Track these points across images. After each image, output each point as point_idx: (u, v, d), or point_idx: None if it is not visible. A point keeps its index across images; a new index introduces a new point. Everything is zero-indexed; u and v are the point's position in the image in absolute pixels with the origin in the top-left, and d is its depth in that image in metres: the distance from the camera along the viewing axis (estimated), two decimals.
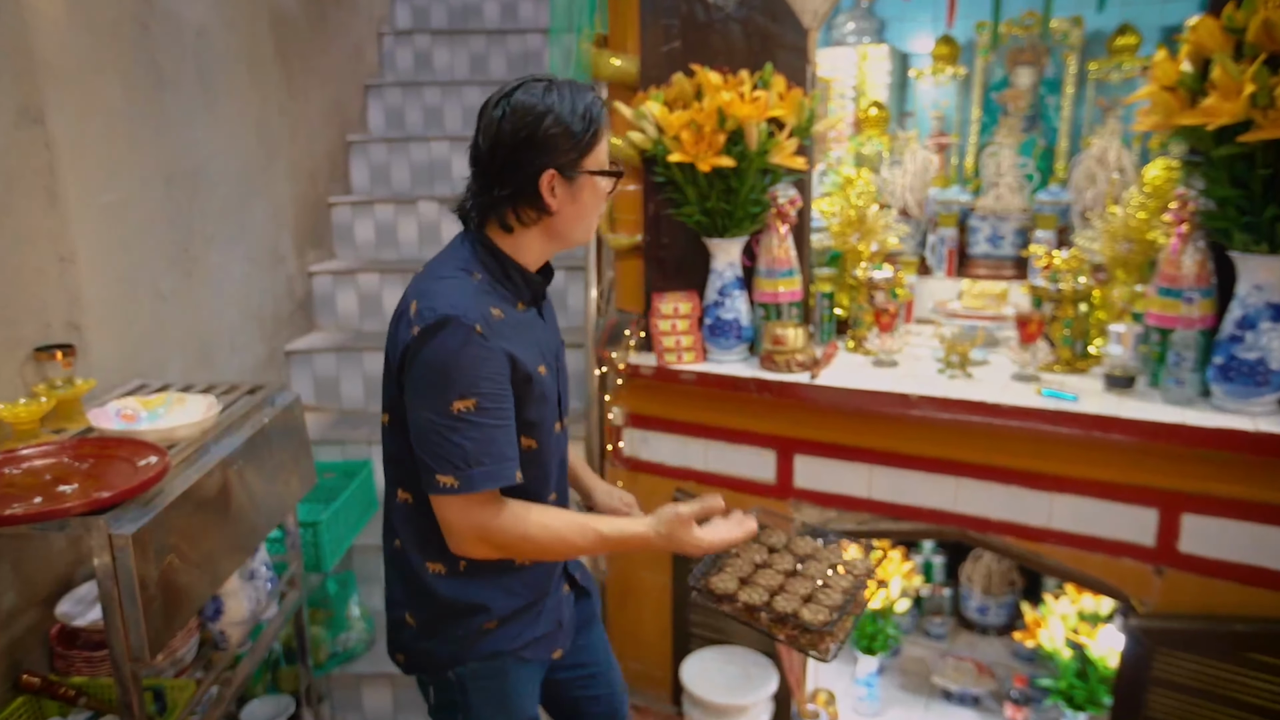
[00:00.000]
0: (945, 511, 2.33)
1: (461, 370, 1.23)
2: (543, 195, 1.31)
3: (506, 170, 1.29)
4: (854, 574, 1.62)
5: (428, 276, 1.35)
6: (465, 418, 1.23)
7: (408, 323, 1.27)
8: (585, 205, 1.37)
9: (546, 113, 1.28)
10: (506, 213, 1.32)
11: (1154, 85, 1.91)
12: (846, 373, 2.36)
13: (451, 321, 1.23)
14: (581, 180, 1.34)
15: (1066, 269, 2.29)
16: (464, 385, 1.23)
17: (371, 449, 2.93)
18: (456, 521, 1.28)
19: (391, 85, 3.98)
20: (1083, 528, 2.15)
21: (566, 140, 1.29)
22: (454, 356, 1.22)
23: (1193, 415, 1.93)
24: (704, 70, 2.32)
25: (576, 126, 1.30)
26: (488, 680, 1.48)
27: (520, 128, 1.28)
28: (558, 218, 1.35)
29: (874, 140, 3.20)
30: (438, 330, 1.23)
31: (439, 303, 1.25)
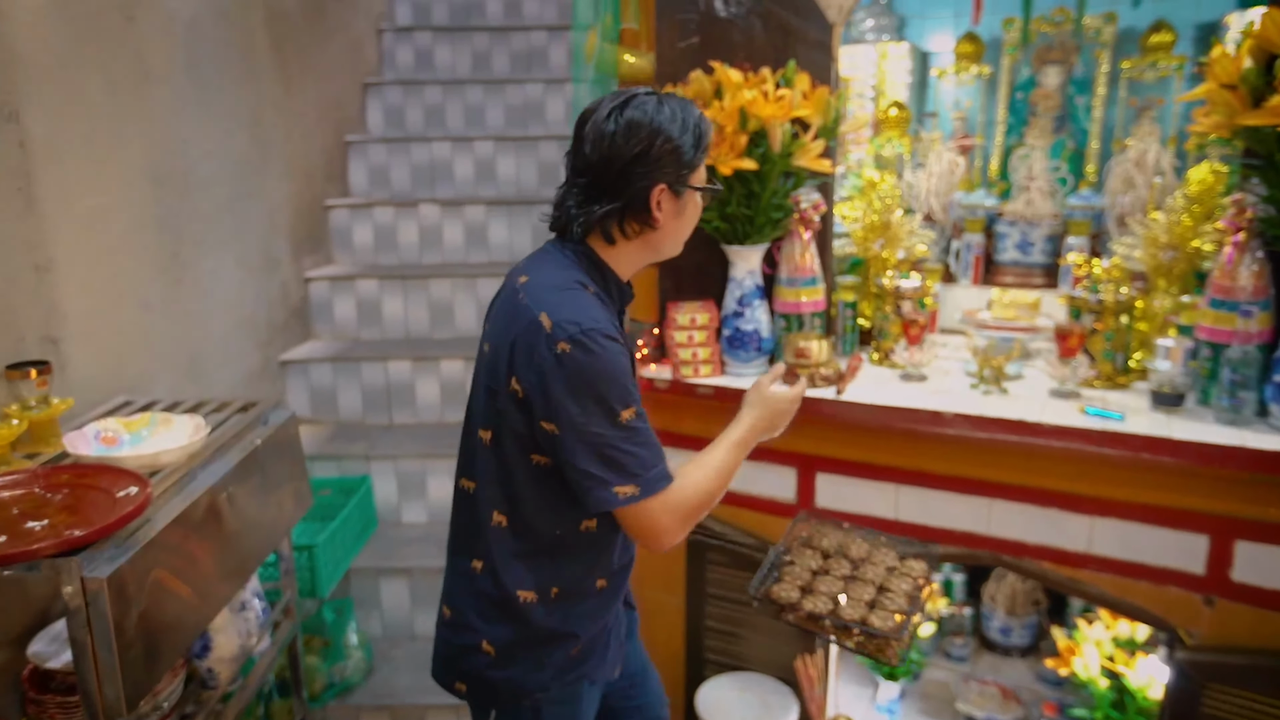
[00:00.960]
0: (977, 535, 2.21)
1: (618, 381, 1.26)
2: (651, 210, 1.33)
3: (619, 184, 1.31)
4: (911, 576, 1.61)
5: (546, 288, 1.32)
6: (633, 425, 1.27)
7: (545, 339, 1.26)
8: (687, 220, 1.41)
9: (660, 129, 1.30)
10: (613, 225, 1.34)
11: (1212, 83, 1.79)
12: (873, 387, 2.23)
13: (598, 335, 1.25)
14: (687, 196, 1.38)
15: (1107, 278, 2.16)
16: (625, 395, 1.27)
17: (370, 464, 2.80)
18: (654, 518, 1.30)
19: (391, 84, 3.84)
20: (1127, 554, 2.03)
21: (677, 157, 1.32)
22: (609, 369, 1.25)
23: (1250, 437, 1.81)
24: (723, 68, 2.19)
25: (687, 144, 1.33)
26: (562, 705, 1.47)
27: (635, 143, 1.29)
28: (660, 232, 1.37)
29: (894, 142, 3.08)
30: (587, 345, 1.24)
31: (578, 316, 1.26)
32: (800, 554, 1.70)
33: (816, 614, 1.53)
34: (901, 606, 1.53)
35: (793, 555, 1.69)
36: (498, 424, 1.34)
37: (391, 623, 2.67)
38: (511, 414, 1.31)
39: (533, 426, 1.30)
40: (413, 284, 3.22)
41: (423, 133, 3.80)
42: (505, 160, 3.64)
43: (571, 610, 1.42)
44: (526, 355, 1.27)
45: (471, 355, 3.08)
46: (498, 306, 1.41)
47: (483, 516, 1.38)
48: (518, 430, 1.32)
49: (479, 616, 1.41)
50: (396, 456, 2.81)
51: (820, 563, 1.68)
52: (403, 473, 2.82)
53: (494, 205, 3.45)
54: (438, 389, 3.03)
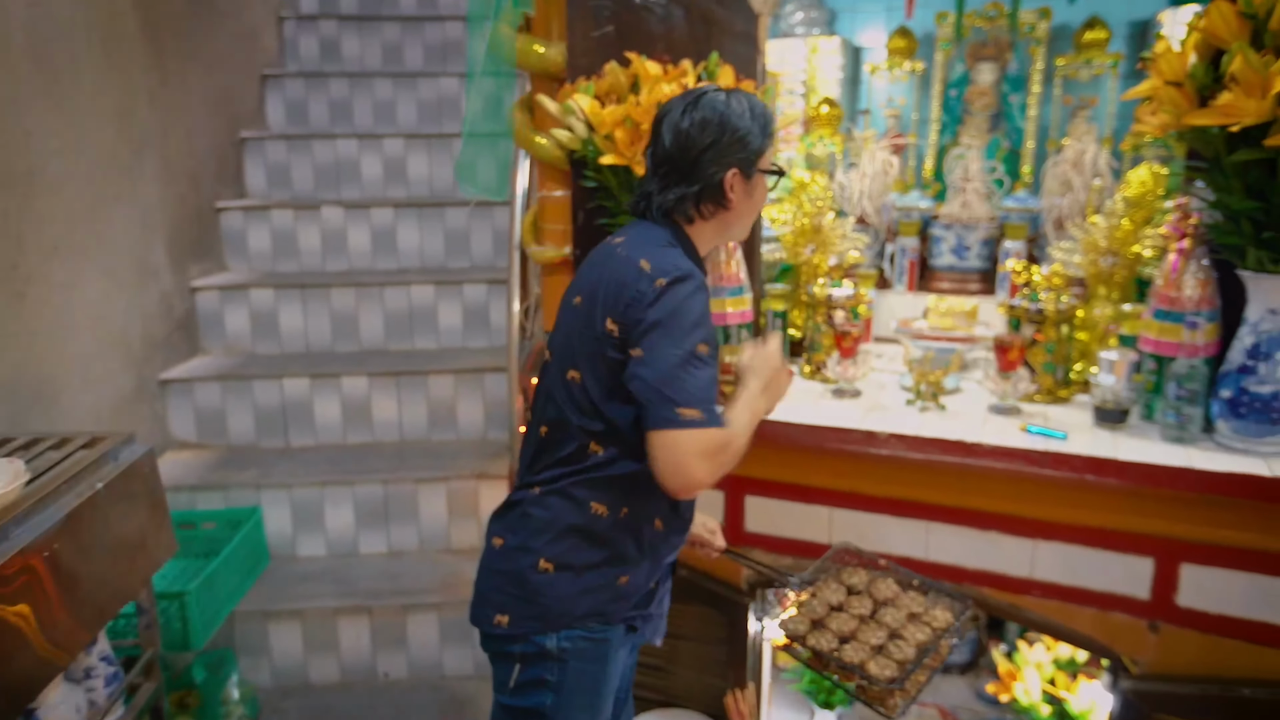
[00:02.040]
0: (915, 559, 2.07)
1: (703, 318, 1.36)
2: (725, 192, 1.45)
3: (695, 170, 1.44)
4: (933, 627, 1.56)
5: (643, 243, 1.44)
6: (707, 361, 1.34)
7: (647, 277, 1.35)
8: (756, 201, 1.52)
9: (730, 118, 1.43)
10: (690, 207, 1.47)
11: (1156, 80, 1.66)
12: (804, 404, 2.08)
13: (692, 276, 1.36)
14: (756, 178, 1.49)
15: (1047, 286, 2.04)
16: (704, 332, 1.35)
17: (261, 494, 2.54)
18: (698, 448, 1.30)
19: (293, 76, 3.57)
20: (1070, 578, 1.92)
21: (746, 144, 1.45)
22: (699, 307, 1.36)
23: (1198, 456, 1.71)
24: (640, 59, 2.00)
25: (755, 130, 1.45)
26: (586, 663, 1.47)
27: (708, 132, 1.43)
28: (733, 212, 1.49)
29: (826, 141, 2.93)
30: (682, 282, 1.35)
31: (678, 262, 1.38)
32: (824, 586, 1.68)
33: (820, 651, 1.52)
34: (908, 656, 1.49)
35: (816, 587, 1.68)
36: (591, 363, 1.41)
37: (283, 671, 2.42)
38: (607, 353, 1.39)
39: (625, 359, 1.37)
40: (312, 293, 2.96)
41: (328, 129, 3.54)
42: (417, 159, 3.40)
43: (633, 535, 1.47)
44: (624, 292, 1.36)
45: (376, 369, 2.85)
46: (590, 264, 1.50)
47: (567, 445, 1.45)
48: (611, 366, 1.39)
49: (541, 535, 1.45)
50: (291, 484, 2.55)
51: (842, 598, 1.66)
52: (299, 501, 2.57)
53: (403, 207, 3.21)
54: (339, 408, 2.78)
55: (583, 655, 1.45)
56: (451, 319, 3.06)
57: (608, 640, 1.48)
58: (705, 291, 1.39)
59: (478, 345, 3.08)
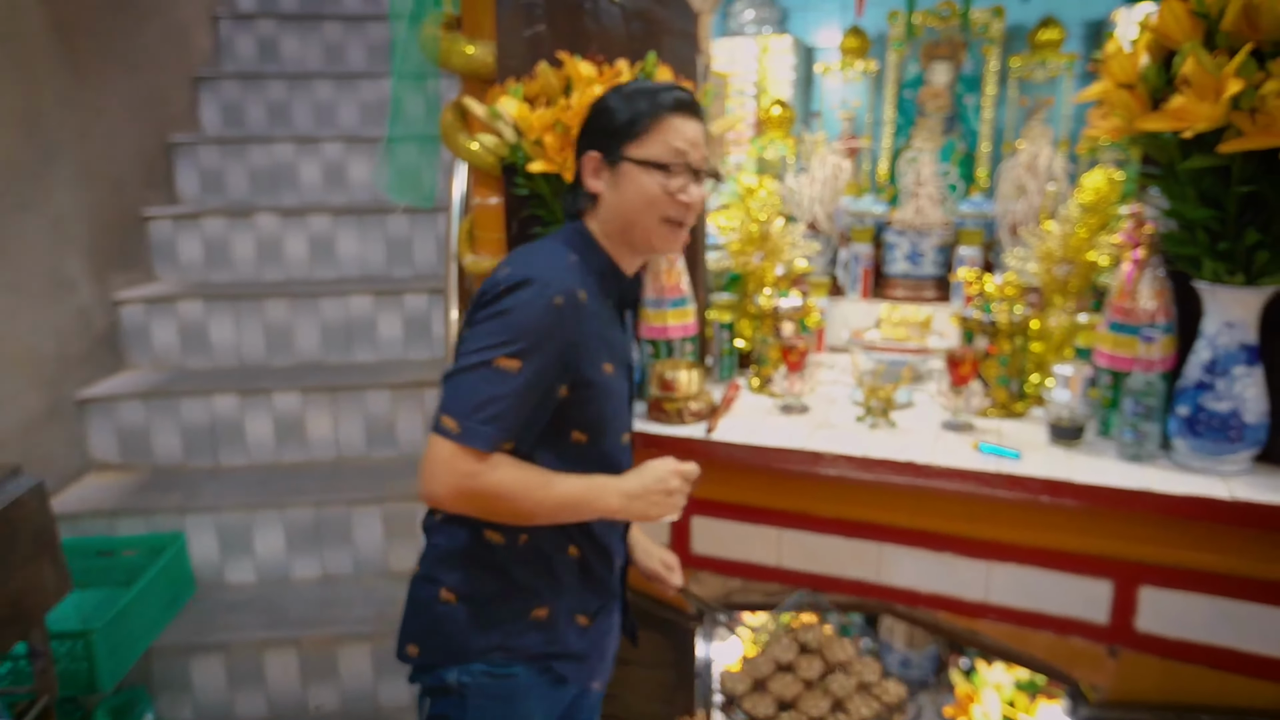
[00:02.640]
0: (867, 583, 1.99)
1: (526, 331, 1.18)
2: (584, 178, 1.32)
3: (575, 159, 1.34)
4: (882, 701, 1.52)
5: (536, 245, 1.34)
6: (504, 374, 1.17)
7: (496, 278, 1.23)
8: (627, 199, 1.30)
9: (607, 99, 1.30)
10: (573, 199, 1.36)
11: (1107, 82, 1.58)
12: (750, 422, 1.99)
13: (534, 283, 1.19)
14: (623, 169, 1.29)
15: (1000, 296, 1.96)
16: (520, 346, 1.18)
17: (185, 519, 2.40)
18: (437, 465, 1.19)
19: (229, 77, 3.42)
20: (1025, 602, 1.84)
21: (605, 120, 1.29)
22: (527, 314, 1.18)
23: (1155, 476, 1.63)
24: (573, 60, 1.90)
25: (620, 107, 1.28)
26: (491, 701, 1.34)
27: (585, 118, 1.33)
28: (604, 208, 1.32)
29: (777, 143, 2.84)
30: (523, 286, 1.19)
31: (528, 269, 1.22)
32: (775, 642, 1.59)
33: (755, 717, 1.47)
34: None
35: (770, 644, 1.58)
36: None
37: (206, 708, 2.28)
38: None
39: None
40: (245, 304, 2.82)
41: (266, 132, 3.39)
42: (358, 163, 3.27)
43: (539, 564, 1.35)
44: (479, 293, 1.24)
45: (311, 384, 2.71)
46: None
47: None
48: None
49: (443, 564, 1.36)
50: (218, 507, 2.42)
51: (793, 656, 1.56)
52: (226, 526, 2.43)
53: (343, 214, 3.08)
54: (271, 425, 2.65)
55: (483, 692, 1.34)
56: (392, 330, 2.93)
57: (513, 678, 1.36)
58: (549, 302, 1.20)
59: (420, 357, 2.95)
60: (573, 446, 1.32)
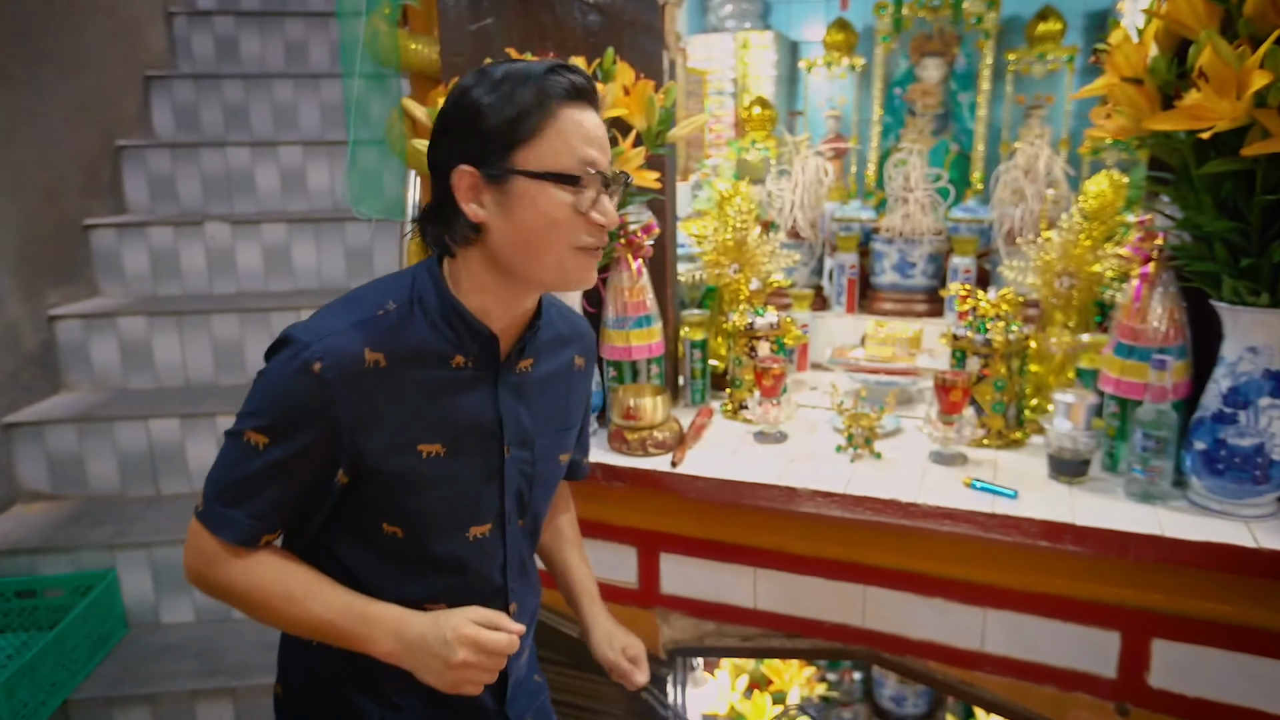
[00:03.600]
0: (851, 627, 1.82)
1: (273, 402, 0.97)
2: (458, 200, 0.98)
3: (433, 174, 1.00)
4: None
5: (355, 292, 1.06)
6: (251, 450, 0.98)
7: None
8: (524, 223, 0.98)
9: (468, 89, 0.96)
10: (433, 228, 1.02)
11: (1111, 76, 1.40)
12: (721, 452, 1.82)
13: (292, 343, 0.97)
14: (514, 185, 0.96)
15: (995, 313, 1.78)
16: (266, 420, 0.97)
17: (116, 555, 2.22)
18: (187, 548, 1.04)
19: (183, 77, 3.24)
20: (1025, 653, 1.67)
21: (477, 123, 0.95)
22: (275, 383, 0.97)
23: (1169, 519, 1.45)
24: (522, 56, 1.72)
25: (500, 104, 0.94)
26: None
27: (440, 116, 0.99)
28: (492, 238, 0.99)
29: (759, 145, 2.67)
30: (280, 349, 0.98)
31: (297, 325, 1.00)
32: None
33: None
34: None
35: None
36: None
37: None
38: None
39: None
40: (191, 321, 2.64)
41: (222, 136, 3.21)
42: (317, 169, 3.09)
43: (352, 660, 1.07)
44: None
45: None
46: None
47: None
48: None
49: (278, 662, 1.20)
50: (152, 543, 2.24)
51: None
52: (162, 561, 2.25)
53: (298, 223, 2.90)
54: (214, 450, 2.46)
55: None
56: None
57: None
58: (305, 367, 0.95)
59: None
60: (386, 539, 1.07)
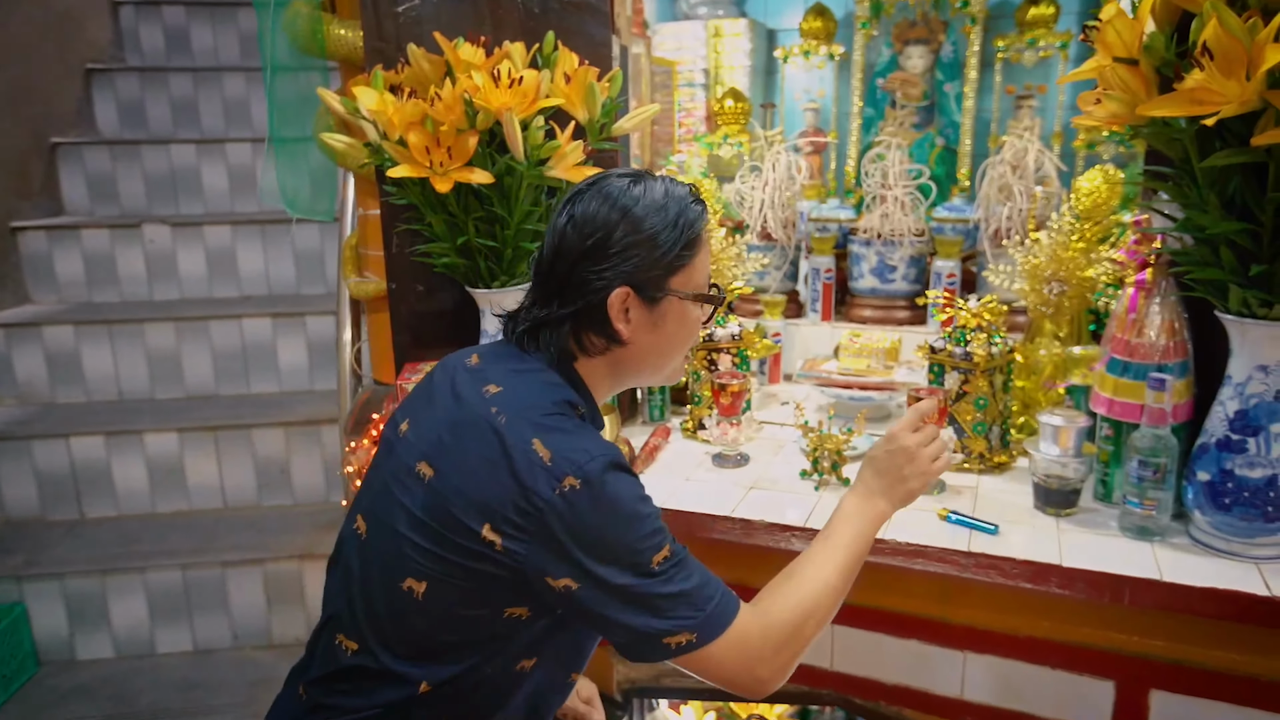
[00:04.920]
0: (820, 669, 1.65)
1: (641, 518, 0.97)
2: (611, 318, 1.05)
3: (572, 282, 1.05)
4: None
5: (529, 396, 1.03)
6: (671, 564, 0.97)
7: (548, 474, 0.95)
8: (669, 337, 1.10)
9: (627, 213, 1.03)
10: (568, 334, 1.08)
11: (1103, 56, 1.23)
12: (675, 476, 1.67)
13: (614, 469, 0.97)
14: (667, 304, 1.07)
15: (977, 325, 1.60)
16: (653, 533, 0.97)
17: (23, 586, 2.05)
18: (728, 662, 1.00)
19: (128, 71, 3.07)
20: (1010, 701, 1.51)
21: (647, 249, 1.04)
22: (630, 506, 0.97)
23: (1168, 560, 1.29)
24: (448, 42, 1.55)
25: (663, 232, 1.04)
26: None
27: (591, 228, 1.04)
28: (631, 349, 1.09)
29: (733, 140, 2.49)
30: (604, 480, 0.95)
31: (588, 445, 0.98)
32: None
33: None
34: None
35: None
36: (443, 573, 0.98)
37: None
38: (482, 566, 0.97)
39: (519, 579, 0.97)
40: (123, 330, 2.47)
41: (171, 133, 3.04)
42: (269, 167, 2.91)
43: None
44: (509, 491, 0.95)
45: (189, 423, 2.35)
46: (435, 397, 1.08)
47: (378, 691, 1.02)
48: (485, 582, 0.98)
49: None
50: (65, 573, 2.07)
51: None
52: (76, 593, 2.08)
53: (243, 225, 2.73)
54: (144, 470, 2.30)
55: None
56: (294, 357, 2.58)
57: None
58: (627, 475, 0.99)
59: (326, 387, 2.60)
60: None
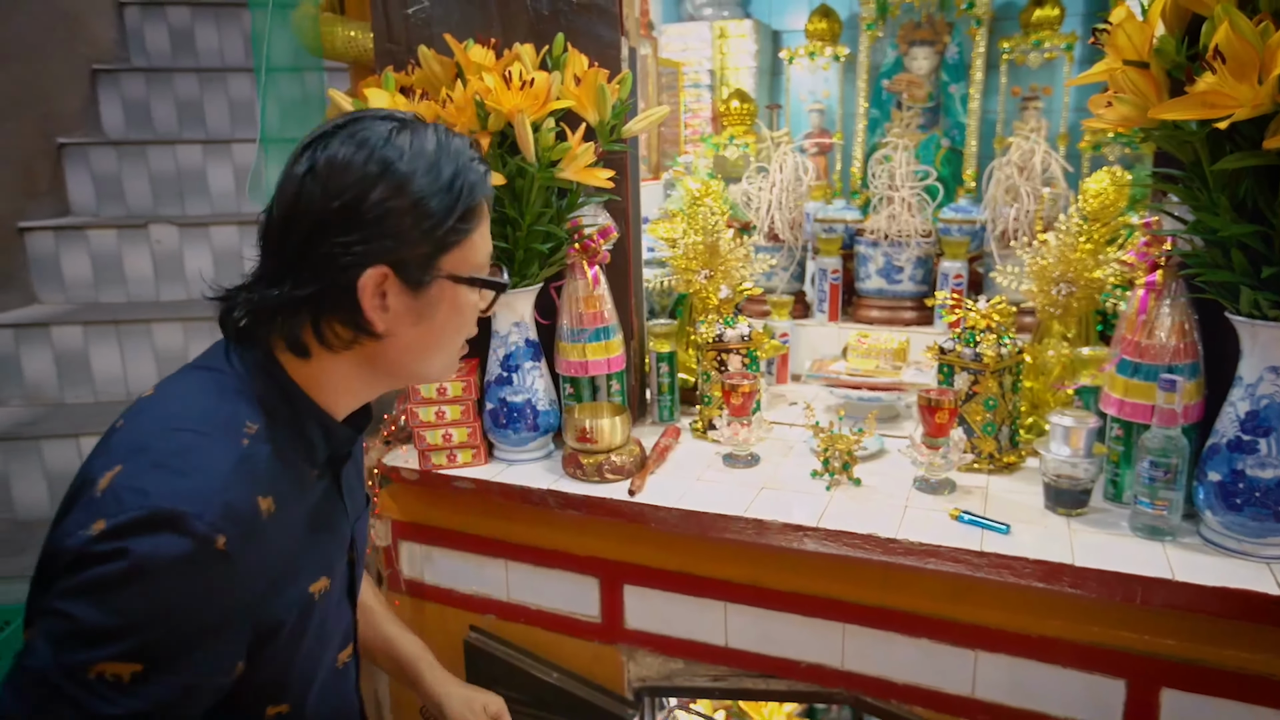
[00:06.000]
0: (830, 669, 1.66)
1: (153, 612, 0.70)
2: (363, 305, 0.84)
3: (310, 255, 0.81)
4: None
5: (157, 420, 0.81)
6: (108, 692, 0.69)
7: (90, 507, 0.72)
8: (437, 329, 0.90)
9: (388, 170, 0.81)
10: (303, 327, 0.85)
11: (1113, 59, 1.24)
12: (686, 476, 1.67)
13: (176, 522, 0.71)
14: (437, 289, 0.88)
15: (986, 325, 1.61)
16: (140, 637, 0.70)
17: None
18: None
19: (134, 71, 3.07)
20: (1021, 700, 1.51)
21: (413, 219, 0.83)
22: (149, 585, 0.70)
23: (1179, 560, 1.30)
24: (458, 43, 1.56)
25: (434, 197, 0.83)
26: None
27: (341, 186, 0.80)
28: (387, 344, 0.88)
29: (738, 141, 2.50)
30: (144, 531, 0.70)
31: (160, 480, 0.73)
32: None
33: None
34: None
35: None
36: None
37: None
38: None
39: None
40: (131, 330, 2.48)
41: (176, 133, 3.05)
42: (275, 167, 2.92)
43: None
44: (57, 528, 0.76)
45: None
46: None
47: None
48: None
49: None
50: None
51: None
52: None
53: (251, 225, 2.72)
54: None
55: None
56: None
57: None
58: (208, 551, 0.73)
59: None
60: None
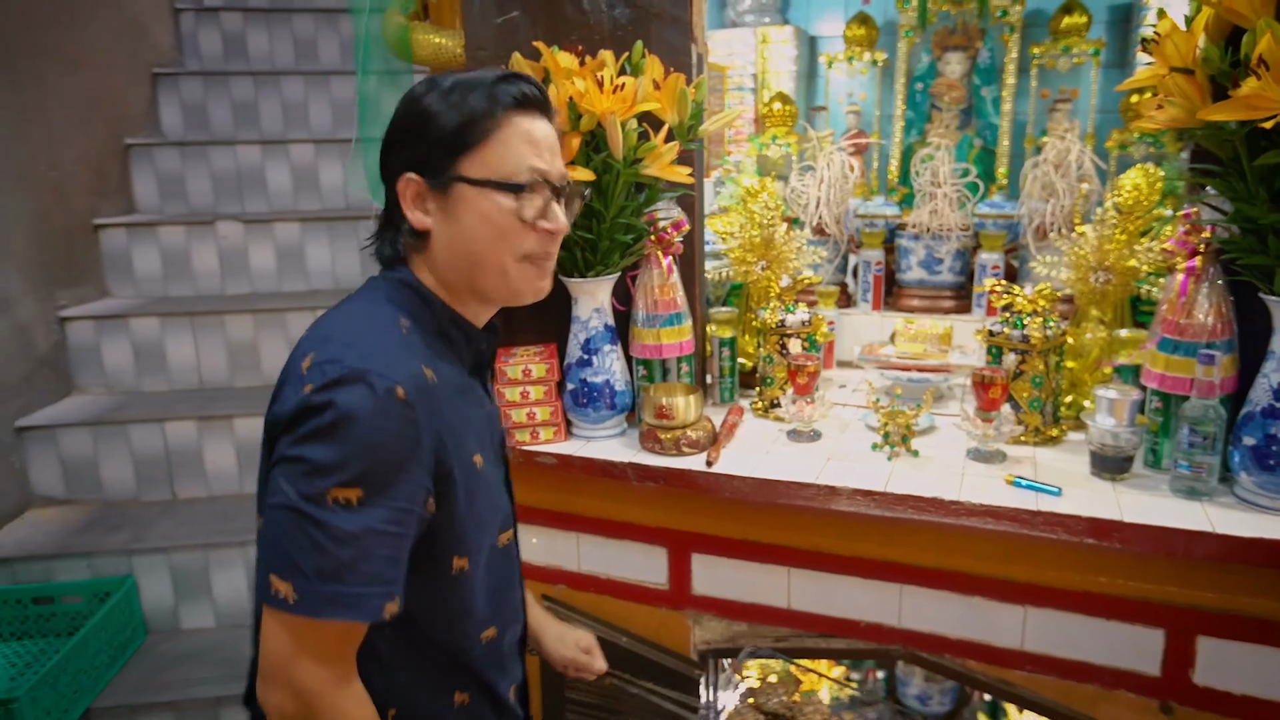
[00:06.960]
0: (888, 627, 1.79)
1: (362, 447, 0.85)
2: (403, 206, 0.99)
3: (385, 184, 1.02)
4: None
5: (331, 321, 0.98)
6: (348, 519, 0.85)
7: (296, 382, 0.90)
8: (469, 231, 0.99)
9: (418, 98, 0.99)
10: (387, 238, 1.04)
11: (1160, 66, 1.38)
12: (755, 451, 1.79)
13: (363, 379, 0.87)
14: (457, 193, 0.98)
15: (1032, 309, 1.75)
16: (357, 467, 0.85)
17: (133, 560, 2.19)
18: (282, 652, 0.87)
19: (191, 75, 3.20)
20: (1066, 651, 1.65)
21: (423, 132, 0.97)
22: (355, 427, 0.85)
23: (1218, 516, 1.44)
24: (549, 50, 1.69)
25: (445, 109, 0.97)
26: None
27: (390, 126, 1.01)
28: (436, 245, 1.00)
29: (780, 141, 2.64)
30: (343, 385, 0.86)
31: (347, 353, 0.89)
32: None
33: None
34: None
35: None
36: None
37: None
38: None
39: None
40: (204, 321, 2.61)
41: (231, 134, 3.18)
42: (329, 167, 3.05)
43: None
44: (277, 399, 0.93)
45: None
46: None
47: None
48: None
49: None
50: (170, 548, 2.20)
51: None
52: (180, 566, 2.22)
53: (312, 222, 2.86)
54: (233, 453, 2.43)
55: None
56: None
57: None
58: (390, 399, 0.87)
59: None
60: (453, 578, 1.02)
